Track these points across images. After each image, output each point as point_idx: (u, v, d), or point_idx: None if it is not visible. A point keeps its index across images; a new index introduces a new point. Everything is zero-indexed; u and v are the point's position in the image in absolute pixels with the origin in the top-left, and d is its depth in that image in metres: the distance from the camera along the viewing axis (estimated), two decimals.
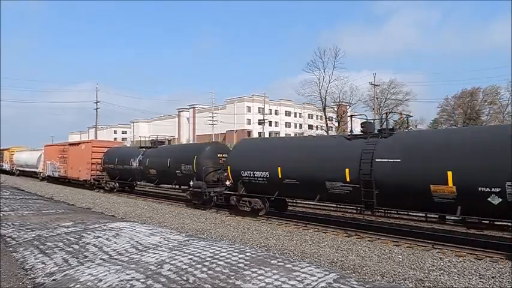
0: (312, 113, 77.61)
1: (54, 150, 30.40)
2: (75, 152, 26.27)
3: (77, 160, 25.61)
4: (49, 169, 31.00)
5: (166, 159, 17.58)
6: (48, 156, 31.55)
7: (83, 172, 24.52)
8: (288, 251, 8.85)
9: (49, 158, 31.27)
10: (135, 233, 8.40)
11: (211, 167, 15.55)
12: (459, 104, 62.11)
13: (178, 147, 24.26)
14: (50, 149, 32.61)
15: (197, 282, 4.93)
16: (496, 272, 7.07)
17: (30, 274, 6.13)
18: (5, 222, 10.38)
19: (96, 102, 54.39)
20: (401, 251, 8.73)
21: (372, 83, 46.65)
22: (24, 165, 38.54)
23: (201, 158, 15.81)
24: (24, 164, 38.80)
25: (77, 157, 25.66)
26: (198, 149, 16.85)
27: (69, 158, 26.99)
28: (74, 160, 26.05)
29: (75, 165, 25.77)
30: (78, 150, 25.95)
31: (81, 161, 24.85)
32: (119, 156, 22.07)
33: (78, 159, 25.23)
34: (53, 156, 30.24)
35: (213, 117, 73.49)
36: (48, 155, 31.67)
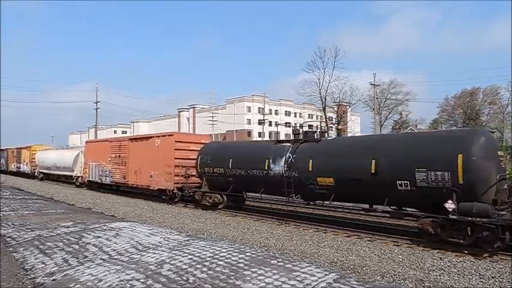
0: (312, 113, 77.60)
1: (103, 148, 23.00)
2: (142, 150, 19.14)
3: (146, 161, 18.57)
4: (93, 173, 23.75)
5: (365, 159, 10.24)
6: (92, 156, 24.20)
7: (160, 178, 17.47)
8: (288, 251, 8.85)
9: (93, 157, 23.97)
10: (135, 233, 8.40)
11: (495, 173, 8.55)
12: (459, 104, 62.10)
13: (390, 138, 13.56)
14: (95, 146, 25.03)
15: (197, 282, 4.93)
16: (496, 272, 7.06)
17: (30, 274, 6.13)
18: (5, 222, 10.38)
19: (96, 102, 54.39)
20: (401, 251, 8.73)
21: (372, 83, 46.65)
22: (53, 167, 31.22)
23: (478, 158, 8.47)
24: (52, 166, 31.38)
25: (145, 157, 18.62)
26: (462, 141, 8.95)
27: (131, 158, 19.90)
28: (140, 161, 19.00)
29: (143, 168, 18.75)
30: (148, 146, 18.67)
31: (154, 162, 17.85)
32: (237, 156, 14.32)
33: (149, 159, 18.24)
34: (100, 156, 23.05)
35: (213, 117, 73.45)
36: (93, 154, 24.33)
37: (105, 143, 23.43)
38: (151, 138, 18.93)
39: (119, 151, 21.25)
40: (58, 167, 30.27)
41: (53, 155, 31.71)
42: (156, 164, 17.76)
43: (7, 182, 32.03)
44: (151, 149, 18.34)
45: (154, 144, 18.32)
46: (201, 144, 17.12)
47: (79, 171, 26.99)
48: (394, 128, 59.72)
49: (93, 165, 24.03)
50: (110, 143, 22.53)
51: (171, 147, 17.01)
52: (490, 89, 58.37)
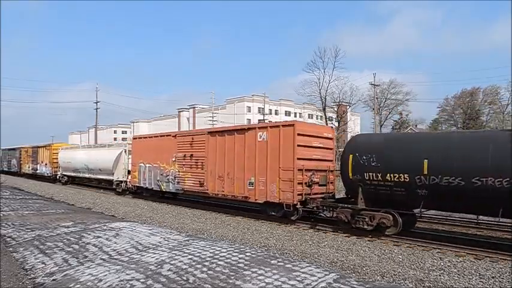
0: (312, 113, 77.64)
1: (163, 145, 17.55)
2: (231, 147, 13.93)
3: (239, 162, 13.52)
4: (147, 177, 18.54)
5: None
6: (145, 155, 18.75)
7: (270, 188, 12.37)
8: (288, 251, 8.85)
9: (146, 157, 18.62)
10: (135, 233, 8.40)
11: None
12: (459, 104, 62.11)
13: None
14: (149, 143, 19.03)
15: (197, 282, 4.93)
16: (496, 272, 7.07)
17: (30, 274, 6.12)
18: (5, 222, 10.38)
19: (96, 102, 54.31)
20: (401, 251, 8.73)
21: (372, 83, 46.64)
22: (82, 169, 26.23)
23: None
24: (82, 168, 26.29)
25: (239, 156, 13.59)
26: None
27: (212, 159, 14.75)
28: (230, 162, 13.93)
29: (235, 172, 13.69)
30: (243, 142, 13.49)
31: (258, 164, 12.80)
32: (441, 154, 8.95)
33: (248, 160, 13.21)
34: (158, 155, 17.68)
35: (213, 117, 73.46)
36: (145, 152, 18.82)
37: (166, 138, 17.65)
38: (250, 130, 13.43)
39: (191, 149, 15.86)
40: (91, 169, 25.12)
41: (84, 155, 26.34)
42: (261, 166, 12.68)
43: (7, 182, 31.97)
44: (251, 145, 13.14)
45: (255, 139, 13.00)
46: (325, 138, 13.03)
47: (121, 174, 21.54)
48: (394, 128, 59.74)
49: (145, 168, 18.63)
50: (174, 139, 16.91)
51: (291, 143, 11.84)
52: (490, 89, 58.41)
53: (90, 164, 25.15)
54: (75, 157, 27.35)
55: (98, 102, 54.24)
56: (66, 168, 28.96)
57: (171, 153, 16.86)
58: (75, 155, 27.70)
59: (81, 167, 26.54)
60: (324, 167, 12.60)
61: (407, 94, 58.63)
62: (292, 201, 11.66)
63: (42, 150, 33.69)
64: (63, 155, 29.35)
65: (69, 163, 28.23)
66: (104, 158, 23.50)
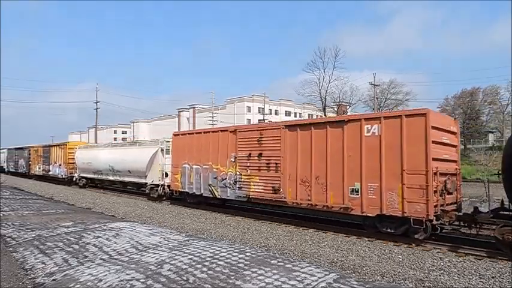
0: (312, 113, 77.66)
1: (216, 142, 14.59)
2: (321, 142, 11.21)
3: (335, 163, 10.79)
4: (196, 181, 15.36)
5: None
6: (190, 155, 15.72)
7: (390, 197, 9.60)
8: (288, 251, 8.85)
9: (192, 157, 15.60)
10: (135, 233, 8.40)
11: None
12: (459, 104, 62.08)
13: None
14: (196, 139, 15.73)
15: (197, 282, 4.93)
16: (496, 272, 7.07)
17: (30, 274, 6.12)
18: (5, 222, 10.38)
19: (96, 102, 54.32)
20: (401, 251, 8.74)
21: (372, 83, 46.66)
22: (106, 170, 22.93)
23: None
24: (105, 169, 23.03)
25: (334, 154, 10.85)
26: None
27: (291, 159, 11.99)
28: (319, 163, 11.17)
29: (328, 175, 10.91)
30: (340, 136, 10.74)
31: (365, 164, 10.13)
32: None
33: (348, 159, 10.51)
34: (209, 154, 14.84)
35: (213, 117, 73.47)
36: (190, 151, 15.79)
37: (221, 134, 14.43)
38: (352, 122, 10.61)
39: (259, 147, 12.83)
40: (117, 170, 21.80)
41: (108, 154, 22.93)
42: (371, 168, 9.97)
43: (7, 182, 31.95)
44: (354, 141, 10.39)
45: (360, 133, 10.28)
46: (450, 133, 10.58)
47: (157, 177, 18.57)
48: None
49: (190, 170, 15.56)
50: (232, 135, 13.81)
51: (422, 138, 9.24)
52: (490, 89, 58.35)
53: (117, 164, 21.70)
54: (98, 157, 24.02)
55: (98, 102, 54.26)
56: (85, 170, 25.78)
57: (228, 152, 13.88)
58: (98, 154, 24.18)
59: (104, 168, 23.24)
60: (452, 169, 10.34)
61: (407, 94, 58.60)
62: (425, 216, 8.94)
63: (55, 149, 30.48)
64: (82, 154, 26.07)
65: (89, 164, 25.02)
66: (136, 158, 20.02)
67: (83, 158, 26.08)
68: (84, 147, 27.67)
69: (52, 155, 31.06)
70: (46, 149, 32.65)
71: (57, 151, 30.16)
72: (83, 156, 26.17)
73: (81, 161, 26.20)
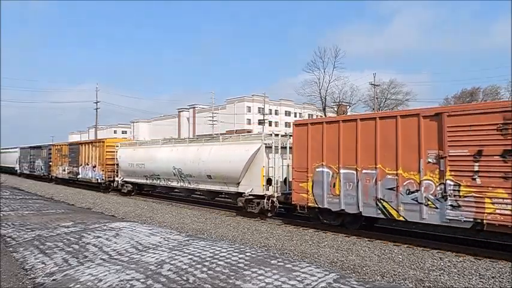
0: (312, 113, 77.65)
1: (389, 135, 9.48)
2: None
3: None
4: (345, 193, 10.35)
5: None
6: (332, 154, 10.74)
7: None
8: (288, 251, 8.85)
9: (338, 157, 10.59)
10: (135, 233, 8.40)
11: None
12: (459, 104, 62.14)
13: None
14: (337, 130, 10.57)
15: (197, 282, 4.93)
16: (496, 272, 7.07)
17: (30, 274, 6.13)
18: (5, 222, 10.38)
19: (96, 102, 54.38)
20: (401, 251, 8.74)
21: (372, 83, 46.66)
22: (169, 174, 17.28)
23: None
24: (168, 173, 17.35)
25: None
26: None
27: None
28: None
29: None
30: None
31: None
32: None
33: None
34: (375, 154, 9.77)
35: (213, 117, 73.48)
36: (333, 148, 10.72)
37: (401, 121, 9.38)
38: None
39: (503, 139, 7.92)
40: (188, 175, 16.12)
41: (174, 153, 17.02)
42: None
43: (7, 182, 31.93)
44: None
45: None
46: None
47: (257, 185, 13.23)
48: None
49: (335, 175, 10.64)
50: (430, 121, 8.89)
51: None
52: (490, 89, 58.41)
53: (188, 167, 15.95)
54: (154, 157, 18.00)
55: (98, 102, 54.31)
56: (132, 173, 19.99)
57: (420, 148, 8.93)
58: (155, 154, 18.14)
59: (164, 172, 17.43)
60: None
61: (407, 94, 58.63)
62: None
63: (86, 147, 24.92)
64: (127, 154, 20.39)
65: (139, 166, 19.00)
66: (224, 159, 14.35)
67: (128, 158, 20.14)
68: (130, 145, 21.55)
69: (82, 155, 25.31)
70: (74, 148, 26.93)
71: (90, 150, 24.43)
72: (128, 155, 20.23)
73: (127, 162, 20.22)
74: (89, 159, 24.47)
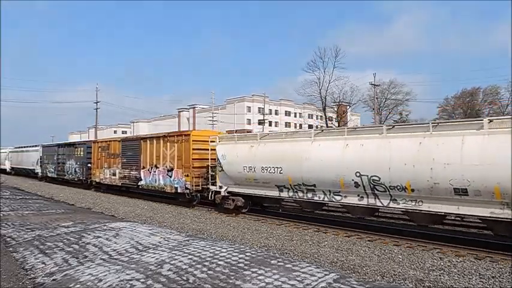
0: (312, 113, 77.74)
1: None
2: None
3: None
4: None
5: None
6: None
7: None
8: (288, 251, 8.85)
9: None
10: (135, 233, 8.40)
11: None
12: (459, 104, 62.13)
13: None
14: None
15: (197, 282, 4.93)
16: (496, 272, 7.07)
17: (30, 274, 6.13)
18: (5, 222, 10.38)
19: (96, 102, 54.36)
20: (401, 251, 8.74)
21: (372, 83, 46.67)
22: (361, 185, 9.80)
23: None
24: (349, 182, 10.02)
25: None
26: None
27: None
28: None
29: None
30: None
31: None
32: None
33: None
34: None
35: (213, 117, 73.48)
36: None
37: None
38: None
39: None
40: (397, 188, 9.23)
41: (347, 150, 10.28)
42: None
43: (7, 182, 31.88)
44: None
45: None
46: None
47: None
48: None
49: None
50: None
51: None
52: (490, 89, 58.44)
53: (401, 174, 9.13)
54: (308, 156, 11.15)
55: (98, 102, 54.31)
56: (249, 181, 13.04)
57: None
58: (307, 151, 11.26)
59: (330, 181, 10.62)
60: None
61: (407, 94, 58.67)
62: None
63: (153, 143, 18.06)
64: (241, 151, 13.26)
65: (271, 170, 12.08)
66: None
67: (242, 159, 13.06)
68: (243, 139, 13.87)
69: (146, 154, 18.51)
70: (130, 144, 20.27)
71: (160, 147, 17.52)
72: (242, 155, 13.11)
73: (238, 165, 13.16)
74: (159, 159, 17.59)
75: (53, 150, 31.29)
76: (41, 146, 34.49)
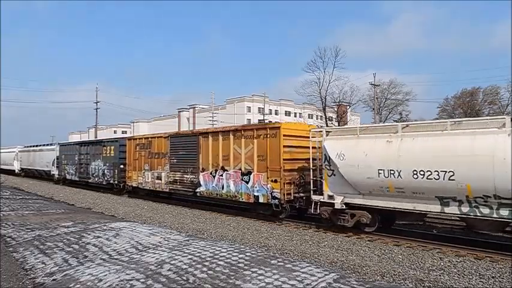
0: (312, 113, 77.68)
1: None
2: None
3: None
4: None
5: None
6: None
7: None
8: (288, 251, 8.85)
9: None
10: (135, 233, 8.40)
11: None
12: (459, 104, 62.12)
13: None
14: None
15: (197, 282, 4.93)
16: (496, 272, 7.07)
17: (30, 274, 6.13)
18: (5, 222, 10.38)
19: (96, 102, 54.36)
20: (401, 251, 8.74)
21: (372, 83, 46.67)
22: None
23: None
24: None
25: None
26: None
27: None
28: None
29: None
30: None
31: None
32: None
33: None
34: None
35: (213, 117, 73.52)
36: None
37: None
38: None
39: None
40: None
41: None
42: None
43: (7, 182, 31.87)
44: None
45: None
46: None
47: None
48: None
49: None
50: None
51: None
52: (490, 89, 58.42)
53: None
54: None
55: (98, 102, 54.31)
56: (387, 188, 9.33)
57: None
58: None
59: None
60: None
61: (407, 94, 58.61)
62: None
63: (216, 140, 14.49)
64: (376, 148, 9.53)
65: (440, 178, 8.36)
66: None
67: (373, 159, 9.53)
68: (373, 130, 10.30)
69: (208, 153, 14.72)
70: (183, 142, 16.37)
71: (231, 143, 13.87)
72: (373, 153, 9.60)
73: (370, 168, 9.54)
74: (228, 160, 13.87)
75: (73, 149, 27.36)
76: (58, 144, 30.91)
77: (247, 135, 13.37)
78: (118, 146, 21.55)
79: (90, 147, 25.03)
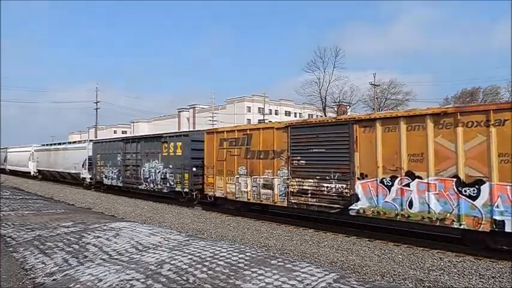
0: (312, 113, 77.68)
1: None
2: None
3: None
4: None
5: None
6: None
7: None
8: (288, 251, 8.85)
9: None
10: (135, 233, 8.40)
11: None
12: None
13: None
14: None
15: (197, 282, 4.93)
16: (496, 272, 7.07)
17: (30, 274, 6.13)
18: (5, 222, 10.38)
19: (96, 102, 54.35)
20: (401, 251, 8.74)
21: (372, 83, 46.68)
22: None
23: None
24: None
25: None
26: None
27: None
28: None
29: None
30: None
31: None
32: None
33: None
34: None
35: (213, 117, 73.52)
36: None
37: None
38: None
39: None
40: None
41: None
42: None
43: (7, 182, 31.84)
44: None
45: None
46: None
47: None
48: None
49: None
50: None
51: None
52: (490, 89, 58.44)
53: None
54: None
55: (98, 102, 54.31)
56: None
57: None
58: None
59: None
60: None
61: (407, 94, 58.63)
62: None
63: (394, 130, 9.34)
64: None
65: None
66: None
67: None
68: None
69: (372, 149, 9.78)
70: (319, 133, 11.20)
71: (429, 134, 8.81)
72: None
73: None
74: (420, 161, 8.98)
75: (113, 147, 21.74)
76: (91, 141, 25.83)
77: (471, 121, 8.35)
78: (188, 142, 16.37)
79: (141, 144, 19.38)
